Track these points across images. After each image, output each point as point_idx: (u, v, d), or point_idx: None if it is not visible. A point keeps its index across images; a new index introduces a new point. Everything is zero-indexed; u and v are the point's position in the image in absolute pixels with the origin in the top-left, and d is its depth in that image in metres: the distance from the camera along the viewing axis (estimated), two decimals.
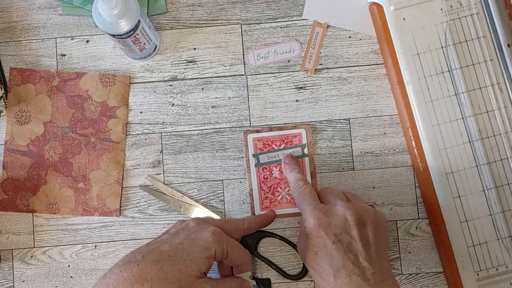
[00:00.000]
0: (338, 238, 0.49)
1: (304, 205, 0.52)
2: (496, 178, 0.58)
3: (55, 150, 0.61)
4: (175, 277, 0.46)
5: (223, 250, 0.50)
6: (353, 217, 0.50)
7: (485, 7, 0.59)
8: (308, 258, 0.51)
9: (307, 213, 0.51)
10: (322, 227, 0.50)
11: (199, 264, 0.48)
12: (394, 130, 0.61)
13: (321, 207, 0.51)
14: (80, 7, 0.61)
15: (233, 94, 0.62)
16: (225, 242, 0.51)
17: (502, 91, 0.59)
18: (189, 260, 0.47)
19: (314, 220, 0.50)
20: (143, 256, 0.46)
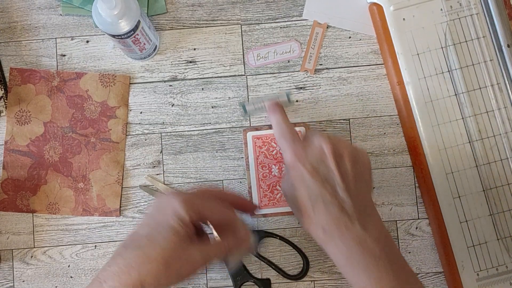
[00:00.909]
0: (315, 168, 0.48)
1: (283, 141, 0.51)
2: (496, 178, 0.58)
3: (55, 150, 0.61)
4: (159, 255, 0.45)
5: (196, 209, 0.47)
6: (329, 147, 0.48)
7: (485, 7, 0.59)
8: (288, 192, 0.50)
9: (285, 148, 0.50)
10: (299, 159, 0.49)
11: (177, 231, 0.46)
12: (394, 130, 0.61)
13: (299, 141, 0.51)
14: (80, 7, 0.61)
15: (233, 94, 0.62)
16: (195, 200, 0.48)
17: (502, 91, 0.59)
18: (166, 232, 0.46)
19: (291, 153, 0.49)
20: (125, 246, 0.46)
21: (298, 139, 0.51)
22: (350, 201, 0.47)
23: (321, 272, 0.60)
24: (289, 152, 0.50)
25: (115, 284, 0.45)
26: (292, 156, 0.49)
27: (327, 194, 0.47)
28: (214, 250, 0.48)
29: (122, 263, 0.45)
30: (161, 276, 0.44)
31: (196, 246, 0.46)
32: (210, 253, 0.47)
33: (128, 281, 0.44)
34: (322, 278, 0.60)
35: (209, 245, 0.48)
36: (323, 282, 0.60)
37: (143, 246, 0.45)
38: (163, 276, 0.44)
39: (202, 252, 0.46)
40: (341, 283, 0.60)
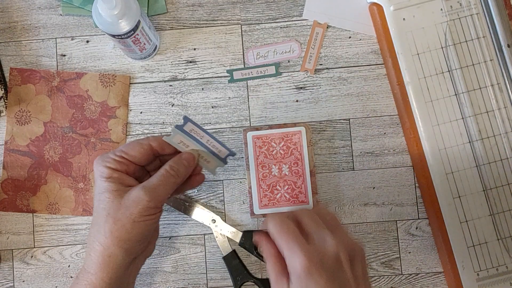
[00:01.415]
0: (331, 278, 0.42)
1: (291, 241, 0.43)
2: (496, 178, 0.58)
3: (55, 150, 0.61)
4: (103, 216, 0.45)
5: (114, 157, 0.47)
6: (345, 255, 0.43)
7: (485, 7, 0.59)
8: None
9: (295, 250, 0.42)
10: (315, 266, 0.42)
11: (105, 187, 0.46)
12: (394, 130, 0.61)
13: (310, 244, 0.44)
14: (80, 7, 0.61)
15: (233, 94, 0.62)
16: (111, 151, 0.48)
17: (502, 91, 0.59)
18: (100, 194, 0.46)
19: (304, 258, 0.42)
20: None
21: (304, 239, 0.44)
22: None
23: None
24: (301, 257, 0.42)
25: (86, 264, 0.47)
26: (306, 263, 0.42)
27: None
28: (156, 178, 0.47)
29: (88, 242, 0.47)
30: (116, 231, 0.45)
31: (136, 187, 0.46)
32: (152, 183, 0.47)
33: (94, 255, 0.46)
34: None
35: (150, 179, 0.47)
36: None
37: (93, 220, 0.47)
38: (118, 230, 0.45)
39: (144, 187, 0.46)
40: None
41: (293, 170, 0.60)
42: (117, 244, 0.45)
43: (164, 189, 0.47)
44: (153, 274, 0.60)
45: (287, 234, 0.43)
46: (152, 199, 0.46)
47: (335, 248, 0.43)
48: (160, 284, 0.61)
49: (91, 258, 0.46)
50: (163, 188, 0.47)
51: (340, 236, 0.45)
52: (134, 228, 0.45)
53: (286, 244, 0.43)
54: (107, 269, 0.46)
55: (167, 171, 0.48)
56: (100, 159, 0.47)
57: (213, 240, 0.60)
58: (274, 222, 0.44)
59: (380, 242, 0.60)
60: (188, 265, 0.61)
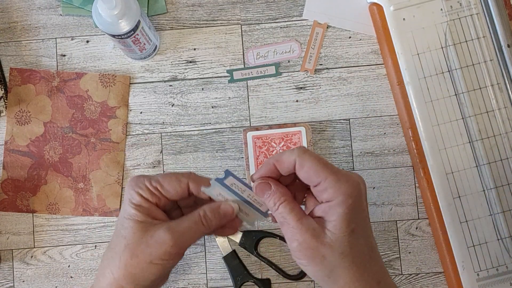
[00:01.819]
0: (366, 205, 0.43)
1: (333, 169, 0.41)
2: (496, 178, 0.58)
3: (55, 150, 0.61)
4: (122, 245, 0.43)
5: (148, 185, 0.44)
6: (364, 186, 0.43)
7: (485, 7, 0.59)
8: (349, 240, 0.41)
9: (341, 176, 0.41)
10: (360, 192, 0.41)
11: (132, 216, 0.43)
12: (394, 130, 0.61)
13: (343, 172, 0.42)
14: (80, 8, 0.61)
15: (233, 94, 0.62)
16: (147, 177, 0.45)
17: (502, 91, 0.59)
18: (124, 221, 0.44)
19: (353, 182, 0.41)
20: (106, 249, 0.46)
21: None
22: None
23: None
24: (350, 182, 0.41)
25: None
26: (355, 187, 0.41)
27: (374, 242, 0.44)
28: (186, 223, 0.44)
29: (100, 266, 0.45)
30: (130, 266, 0.42)
31: (161, 225, 0.43)
32: (181, 226, 0.43)
33: (104, 283, 0.43)
34: None
35: (178, 220, 0.44)
36: None
37: (111, 243, 0.45)
38: (132, 266, 0.42)
39: (170, 229, 0.43)
40: None
41: None
42: (129, 279, 0.43)
43: (191, 237, 0.44)
44: None
45: (324, 160, 0.42)
46: (176, 244, 0.43)
47: (358, 177, 0.42)
48: None
49: (100, 285, 0.44)
50: (191, 235, 0.44)
51: (344, 172, 0.44)
52: (150, 268, 0.43)
53: (328, 170, 0.41)
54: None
55: (200, 219, 0.44)
56: (134, 182, 0.45)
57: (213, 240, 0.61)
58: (302, 149, 0.42)
59: (380, 242, 0.60)
60: (188, 265, 0.61)
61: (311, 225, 0.41)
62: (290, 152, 0.42)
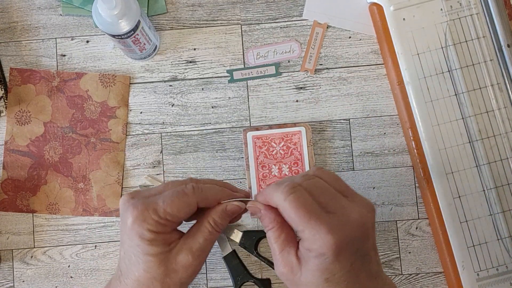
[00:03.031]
0: (357, 258, 0.40)
1: (310, 218, 0.39)
2: (496, 178, 0.58)
3: (55, 150, 0.61)
4: (146, 282, 0.42)
5: (154, 216, 0.42)
6: (371, 219, 0.41)
7: (485, 7, 0.59)
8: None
9: (319, 229, 0.38)
10: (344, 247, 0.38)
11: (148, 251, 0.42)
12: (394, 130, 0.61)
13: (332, 218, 0.39)
14: (80, 8, 0.61)
15: (233, 94, 0.62)
16: (149, 207, 0.42)
17: (502, 91, 0.59)
18: (141, 258, 0.42)
19: (331, 238, 0.38)
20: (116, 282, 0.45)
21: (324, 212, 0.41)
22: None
23: None
24: (329, 236, 0.39)
25: None
26: (334, 243, 0.38)
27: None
28: (201, 237, 0.44)
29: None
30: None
31: (179, 247, 0.43)
32: (198, 243, 0.43)
33: None
34: None
35: (191, 235, 0.44)
36: None
37: (130, 273, 0.43)
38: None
39: (190, 250, 0.43)
40: None
41: (293, 170, 0.60)
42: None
43: (209, 247, 0.45)
44: None
45: (305, 209, 0.39)
46: (200, 262, 0.44)
47: (359, 217, 0.40)
48: None
49: None
50: (209, 246, 0.45)
51: (357, 200, 0.42)
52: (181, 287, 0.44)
53: (306, 222, 0.38)
54: None
55: (213, 228, 0.44)
56: (139, 219, 0.42)
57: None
58: (285, 194, 0.39)
59: (380, 242, 0.60)
60: None
61: (290, 261, 0.41)
62: (274, 193, 0.41)
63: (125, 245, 0.43)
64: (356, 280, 0.40)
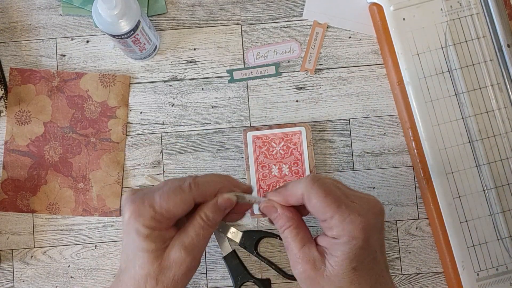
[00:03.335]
0: (381, 239, 0.42)
1: (340, 204, 0.40)
2: (496, 178, 0.58)
3: (55, 150, 0.61)
4: (143, 277, 0.42)
5: (151, 211, 0.42)
6: (383, 210, 0.42)
7: (485, 7, 0.59)
8: (346, 274, 0.40)
9: (350, 213, 0.39)
10: (372, 228, 0.40)
11: (143, 248, 0.42)
12: (394, 130, 0.61)
13: (356, 204, 0.41)
14: (80, 8, 0.61)
15: (233, 94, 0.62)
16: (144, 201, 0.42)
17: (502, 91, 0.59)
18: (138, 253, 0.42)
19: (362, 220, 0.39)
20: (118, 279, 0.45)
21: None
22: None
23: None
24: (360, 218, 0.40)
25: None
26: (365, 224, 0.40)
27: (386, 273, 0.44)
28: (193, 232, 0.43)
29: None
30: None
31: (172, 243, 0.43)
32: (190, 238, 0.43)
33: None
34: None
35: (184, 230, 0.44)
36: None
37: (127, 270, 0.44)
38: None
39: (183, 246, 0.43)
40: None
41: (293, 170, 0.60)
42: None
43: (203, 242, 0.44)
44: None
45: (334, 195, 0.40)
46: (193, 258, 0.43)
47: (376, 206, 0.42)
48: None
49: None
50: (202, 242, 0.44)
51: (366, 195, 0.43)
52: (176, 284, 0.43)
53: (336, 207, 0.39)
54: None
55: (205, 222, 0.44)
56: (136, 213, 0.42)
57: (213, 240, 0.61)
58: (311, 183, 0.40)
59: None
60: None
61: (312, 256, 0.41)
62: (298, 185, 0.41)
63: (124, 241, 0.44)
64: (378, 270, 0.41)
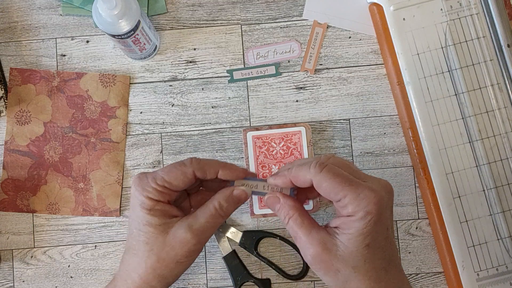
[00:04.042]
0: (391, 215, 0.42)
1: (352, 183, 0.40)
2: (496, 178, 0.58)
3: (55, 150, 0.61)
4: (145, 250, 0.43)
5: (155, 185, 0.44)
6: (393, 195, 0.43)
7: (485, 7, 0.59)
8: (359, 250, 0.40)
9: (362, 190, 0.40)
10: (384, 204, 0.40)
11: (147, 221, 0.43)
12: (394, 130, 0.61)
13: (366, 182, 0.41)
14: (80, 8, 0.61)
15: (233, 94, 0.62)
16: (151, 176, 0.44)
17: (502, 91, 0.59)
18: (141, 226, 0.43)
19: (375, 195, 0.39)
20: (124, 252, 0.46)
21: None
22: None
23: None
24: (373, 194, 0.40)
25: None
26: (378, 199, 0.40)
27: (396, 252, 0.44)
28: (204, 217, 0.44)
29: (124, 269, 0.45)
30: (158, 269, 0.44)
31: (179, 224, 0.44)
32: (199, 223, 0.44)
33: (132, 285, 0.44)
34: None
35: (194, 215, 0.44)
36: (323, 282, 0.60)
37: (131, 248, 0.45)
38: (160, 268, 0.44)
39: (190, 227, 0.43)
40: None
41: None
42: (159, 280, 0.44)
43: (211, 230, 0.45)
44: None
45: (343, 177, 0.40)
46: (199, 241, 0.44)
47: (387, 184, 0.42)
48: None
49: (128, 286, 0.45)
50: (210, 229, 0.45)
51: (376, 177, 0.43)
52: (177, 267, 0.44)
53: (348, 186, 0.40)
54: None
55: (217, 211, 0.45)
56: (140, 187, 0.44)
57: (213, 240, 0.61)
58: (318, 168, 0.41)
59: None
60: None
61: (322, 238, 0.41)
62: (307, 170, 0.42)
63: (130, 220, 0.45)
64: (390, 247, 0.41)
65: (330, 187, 0.40)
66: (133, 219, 0.45)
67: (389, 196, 0.42)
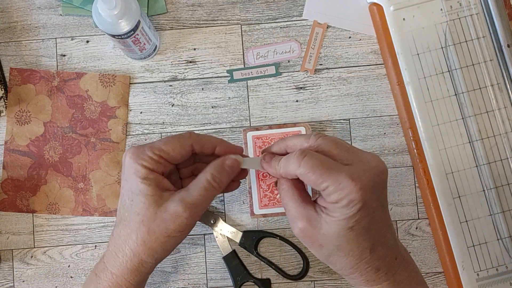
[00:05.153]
0: (380, 202, 0.41)
1: (331, 171, 0.39)
2: (496, 178, 0.58)
3: (55, 150, 0.61)
4: (137, 222, 0.42)
5: (151, 154, 0.43)
6: (387, 173, 0.42)
7: (485, 7, 0.59)
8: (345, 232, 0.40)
9: (341, 179, 0.39)
10: (369, 190, 0.39)
11: (141, 190, 0.42)
12: (394, 130, 0.61)
13: (353, 167, 0.40)
14: (80, 8, 0.61)
15: (233, 94, 0.62)
16: (147, 146, 0.44)
17: (502, 91, 0.59)
18: (134, 195, 0.43)
19: (354, 184, 0.39)
20: (114, 224, 0.45)
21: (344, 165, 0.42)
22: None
23: (321, 272, 0.60)
24: (352, 183, 0.39)
25: (110, 265, 0.44)
26: (359, 187, 0.39)
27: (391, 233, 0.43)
28: (197, 191, 0.43)
29: (114, 242, 0.44)
30: (149, 242, 0.43)
31: (172, 198, 0.43)
32: (192, 196, 0.43)
33: (123, 258, 0.44)
34: (322, 278, 0.60)
35: (186, 188, 0.44)
36: (323, 282, 0.60)
37: (123, 219, 0.44)
38: (151, 241, 0.43)
39: (183, 200, 0.42)
40: (341, 283, 0.60)
41: None
42: (149, 254, 0.43)
43: (204, 204, 0.44)
44: (153, 274, 0.60)
45: (322, 166, 0.39)
46: (191, 215, 0.43)
47: (377, 164, 0.41)
48: (160, 284, 0.61)
49: (118, 260, 0.44)
50: (204, 203, 0.44)
51: (366, 153, 0.43)
52: (168, 242, 0.43)
53: (327, 176, 0.39)
54: (135, 274, 0.44)
55: (209, 183, 0.44)
56: (135, 155, 0.43)
57: (213, 240, 0.61)
58: (298, 161, 0.40)
59: None
60: (188, 265, 0.61)
61: (309, 214, 0.41)
62: (291, 166, 0.41)
63: (122, 191, 0.44)
64: (377, 228, 0.41)
65: (311, 180, 0.40)
66: (126, 189, 0.44)
67: (375, 179, 0.40)
